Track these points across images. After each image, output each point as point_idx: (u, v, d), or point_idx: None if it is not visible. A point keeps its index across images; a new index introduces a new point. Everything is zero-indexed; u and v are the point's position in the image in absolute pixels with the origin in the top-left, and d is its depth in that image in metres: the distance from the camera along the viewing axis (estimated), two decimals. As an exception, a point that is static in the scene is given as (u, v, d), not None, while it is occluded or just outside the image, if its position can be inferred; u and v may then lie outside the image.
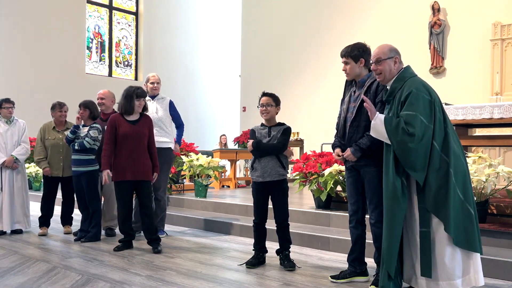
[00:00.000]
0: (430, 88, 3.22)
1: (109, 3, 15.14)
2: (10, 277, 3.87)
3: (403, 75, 3.29)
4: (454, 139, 3.16)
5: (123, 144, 4.88)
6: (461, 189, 3.10)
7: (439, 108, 3.16)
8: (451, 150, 3.10)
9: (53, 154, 5.79)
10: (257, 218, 4.31)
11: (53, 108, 5.90)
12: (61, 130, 5.88)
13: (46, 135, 5.85)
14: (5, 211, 5.69)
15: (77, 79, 13.73)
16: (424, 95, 3.15)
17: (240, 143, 11.10)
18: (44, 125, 5.95)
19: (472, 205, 3.14)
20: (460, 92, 9.82)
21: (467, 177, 3.17)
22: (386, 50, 3.34)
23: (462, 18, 10.11)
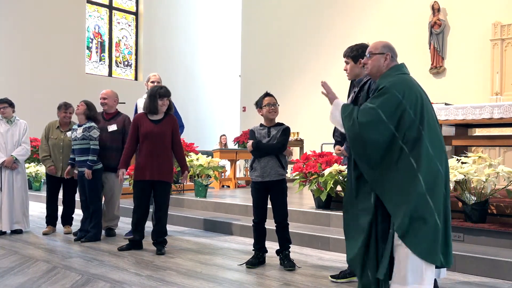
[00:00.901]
0: (410, 89, 3.06)
1: (109, 3, 15.14)
2: (10, 277, 3.87)
3: (391, 72, 3.20)
4: (432, 144, 3.00)
5: (144, 143, 4.85)
6: (430, 196, 2.96)
7: (413, 111, 3.00)
8: (422, 155, 2.96)
9: (54, 154, 5.81)
10: (256, 218, 4.31)
11: (59, 108, 5.92)
12: (64, 131, 5.89)
13: (50, 134, 5.87)
14: (5, 211, 5.69)
15: (77, 79, 13.73)
16: (396, 92, 3.02)
17: (240, 143, 11.10)
18: (49, 124, 5.98)
19: (441, 214, 2.98)
20: (460, 92, 9.82)
21: (439, 186, 2.99)
22: (379, 46, 3.28)
23: (462, 18, 10.11)
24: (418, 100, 3.04)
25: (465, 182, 4.64)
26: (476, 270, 3.99)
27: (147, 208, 4.99)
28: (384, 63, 3.23)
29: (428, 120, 3.05)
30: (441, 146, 3.09)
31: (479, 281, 3.82)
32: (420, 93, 3.10)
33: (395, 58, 3.26)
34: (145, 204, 4.93)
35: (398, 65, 3.24)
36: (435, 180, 2.99)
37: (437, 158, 3.02)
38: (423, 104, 3.06)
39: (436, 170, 3.00)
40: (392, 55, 3.24)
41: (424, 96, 3.14)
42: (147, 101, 4.92)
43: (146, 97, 5.00)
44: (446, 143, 5.44)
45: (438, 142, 3.07)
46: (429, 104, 3.14)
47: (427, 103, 3.13)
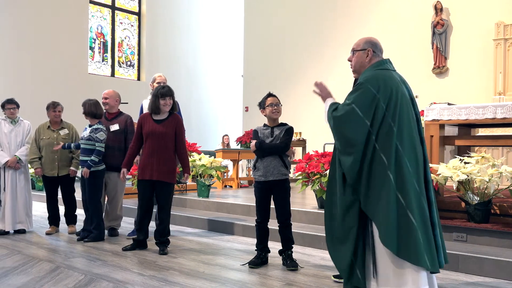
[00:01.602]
0: (385, 83, 3.04)
1: (111, 4, 15.16)
2: (13, 276, 3.88)
3: (371, 68, 3.18)
4: (402, 141, 2.97)
5: (146, 143, 4.86)
6: (401, 193, 2.92)
7: (386, 106, 3.00)
8: (392, 152, 2.95)
9: (47, 154, 5.79)
10: (259, 217, 4.32)
11: (48, 108, 5.91)
12: (56, 129, 5.88)
13: (41, 135, 5.86)
14: (8, 211, 5.70)
15: (80, 79, 13.75)
16: (370, 87, 3.02)
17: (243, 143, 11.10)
18: (39, 126, 5.96)
19: (415, 213, 2.91)
20: (463, 92, 9.80)
21: (409, 183, 2.93)
22: (361, 42, 3.28)
23: (465, 18, 10.09)
24: (392, 95, 3.03)
25: (468, 182, 4.63)
26: (479, 271, 3.98)
27: (149, 208, 4.99)
28: (366, 59, 3.23)
29: (401, 116, 3.02)
30: (412, 142, 3.02)
31: (482, 282, 3.81)
32: (397, 88, 3.06)
33: (378, 53, 3.23)
34: (147, 204, 4.92)
35: (380, 61, 3.21)
36: (404, 177, 2.94)
37: (407, 155, 2.98)
38: (398, 99, 3.03)
39: (405, 167, 2.96)
40: (374, 50, 3.22)
41: (403, 91, 3.09)
42: (150, 101, 4.95)
43: (151, 97, 5.01)
44: (449, 143, 5.45)
45: (409, 139, 3.02)
46: (406, 100, 3.09)
47: (405, 99, 3.08)
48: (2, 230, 5.71)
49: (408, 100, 3.11)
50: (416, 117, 3.16)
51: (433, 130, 5.25)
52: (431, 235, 2.96)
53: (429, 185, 3.07)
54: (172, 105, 4.93)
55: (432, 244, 2.95)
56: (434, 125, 5.24)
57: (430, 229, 2.97)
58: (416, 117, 3.16)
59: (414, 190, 2.95)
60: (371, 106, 3.02)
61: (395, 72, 3.19)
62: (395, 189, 2.92)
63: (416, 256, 2.86)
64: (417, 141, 3.08)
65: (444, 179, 4.75)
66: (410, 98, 3.15)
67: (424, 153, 3.11)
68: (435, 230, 3.01)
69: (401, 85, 3.11)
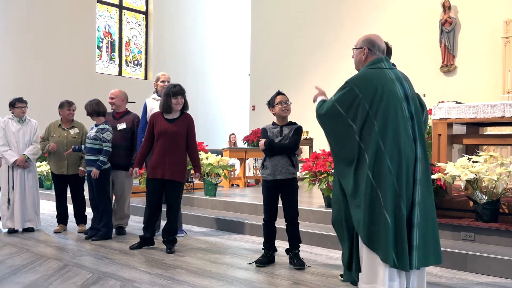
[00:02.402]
0: (370, 82, 3.07)
1: (119, 3, 15.21)
2: (22, 274, 3.91)
3: (365, 67, 3.20)
4: (385, 140, 2.99)
5: (158, 142, 4.84)
6: (380, 192, 2.96)
7: (369, 105, 3.03)
8: (374, 151, 2.99)
9: (57, 152, 5.83)
10: (267, 216, 4.32)
11: (62, 106, 5.95)
12: (67, 128, 5.92)
13: (51, 133, 5.92)
14: (17, 209, 5.74)
15: (88, 78, 13.81)
16: (354, 86, 3.08)
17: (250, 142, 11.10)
18: (49, 124, 6.04)
19: (391, 212, 2.95)
20: (471, 90, 9.74)
21: (388, 183, 2.97)
22: (360, 40, 3.30)
23: (473, 16, 10.02)
24: (377, 94, 3.03)
25: (476, 181, 4.61)
26: (487, 270, 3.96)
27: (158, 206, 4.99)
28: (363, 58, 3.25)
29: (386, 115, 3.02)
30: (397, 141, 3.01)
31: (490, 281, 3.79)
32: (384, 87, 3.05)
33: (375, 51, 3.23)
34: (156, 203, 4.92)
35: (374, 59, 3.20)
36: (383, 176, 2.97)
37: (389, 154, 2.99)
38: (383, 98, 3.03)
39: (386, 166, 2.97)
40: (370, 48, 3.23)
41: (392, 90, 3.07)
42: (162, 100, 4.91)
43: (162, 96, 4.99)
44: (457, 142, 5.42)
45: (393, 138, 3.01)
46: (396, 99, 3.06)
47: (394, 97, 3.05)
48: (11, 228, 5.75)
49: (399, 98, 3.08)
50: (411, 115, 3.11)
51: (441, 129, 5.23)
52: (404, 235, 2.96)
53: (415, 185, 3.03)
54: (184, 104, 4.93)
55: (404, 244, 2.95)
56: (442, 123, 5.22)
57: (404, 229, 2.96)
58: (411, 115, 3.11)
59: (393, 189, 2.97)
60: (352, 105, 3.08)
61: (389, 70, 3.16)
62: (375, 187, 2.98)
63: (384, 252, 2.93)
64: (406, 139, 3.05)
65: (452, 178, 4.72)
66: (404, 97, 3.11)
67: (416, 152, 3.06)
68: (412, 230, 2.99)
69: (392, 84, 3.09)
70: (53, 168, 5.89)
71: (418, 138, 3.09)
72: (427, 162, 3.13)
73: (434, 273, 4.00)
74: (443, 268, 4.14)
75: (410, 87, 3.17)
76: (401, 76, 3.17)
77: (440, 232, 4.66)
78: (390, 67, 3.19)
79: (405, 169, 3.02)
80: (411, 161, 3.04)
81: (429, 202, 3.09)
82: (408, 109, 3.10)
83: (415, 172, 3.05)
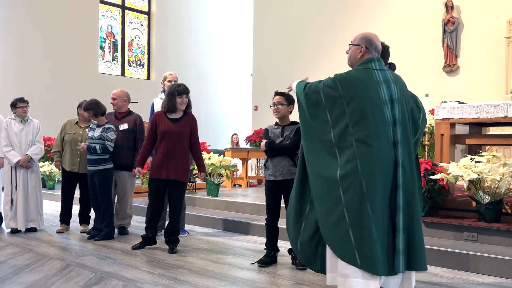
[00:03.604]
0: (354, 84, 3.02)
1: (121, 3, 15.23)
2: (25, 274, 3.92)
3: (358, 65, 3.17)
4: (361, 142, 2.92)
5: (161, 142, 4.82)
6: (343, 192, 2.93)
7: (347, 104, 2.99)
8: (345, 150, 2.96)
9: (71, 149, 5.85)
10: (269, 216, 4.32)
11: (80, 106, 5.98)
12: (83, 127, 5.94)
13: (67, 130, 5.96)
14: (20, 209, 5.75)
15: (91, 78, 13.83)
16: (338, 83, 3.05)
17: (252, 142, 11.10)
18: (67, 120, 6.10)
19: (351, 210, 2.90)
20: (474, 90, 9.72)
21: (355, 184, 2.90)
22: (358, 37, 3.27)
23: (476, 16, 10.00)
24: (356, 96, 2.98)
25: (479, 181, 4.60)
26: (490, 270, 3.95)
27: (161, 206, 4.99)
28: (359, 55, 3.21)
29: (364, 117, 2.95)
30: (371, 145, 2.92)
31: (493, 282, 3.78)
32: (367, 89, 2.99)
33: (371, 50, 3.18)
34: (158, 202, 4.92)
35: (366, 59, 3.15)
36: (351, 179, 2.91)
37: (359, 155, 2.92)
38: (363, 101, 2.97)
39: (355, 168, 2.92)
40: (367, 47, 3.18)
41: (376, 92, 3.00)
42: (165, 100, 4.88)
43: (165, 96, 4.98)
44: (459, 142, 5.41)
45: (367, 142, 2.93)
46: (379, 101, 2.98)
47: (377, 100, 2.97)
48: (14, 228, 5.76)
49: (381, 101, 2.99)
50: (394, 118, 3.00)
51: (443, 129, 5.22)
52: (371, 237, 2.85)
53: (398, 190, 2.94)
54: (187, 103, 4.92)
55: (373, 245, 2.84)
56: (444, 123, 5.21)
57: (371, 230, 2.85)
58: (394, 118, 3.00)
59: (359, 192, 2.89)
60: (334, 101, 3.06)
61: (378, 72, 3.09)
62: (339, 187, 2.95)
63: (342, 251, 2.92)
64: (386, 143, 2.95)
65: (455, 178, 4.71)
66: (389, 99, 3.01)
67: (397, 157, 2.95)
68: (398, 234, 2.91)
69: (376, 86, 3.02)
70: (65, 164, 5.90)
71: (400, 143, 2.98)
72: (412, 167, 3.03)
73: (436, 273, 4.00)
74: (445, 268, 4.14)
75: (399, 90, 3.09)
76: (391, 78, 3.10)
77: (443, 232, 4.68)
78: (381, 68, 3.12)
79: (380, 175, 2.92)
80: (388, 166, 2.94)
81: (416, 208, 3.02)
82: (392, 112, 3.02)
83: (396, 177, 2.95)
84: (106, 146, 5.32)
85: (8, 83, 12.07)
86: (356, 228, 2.88)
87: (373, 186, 2.90)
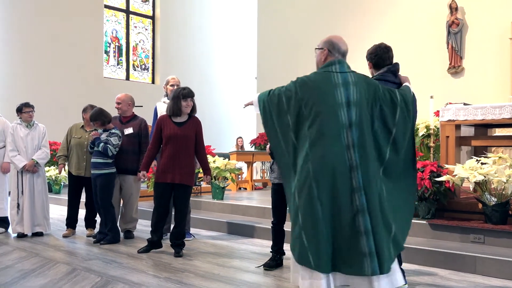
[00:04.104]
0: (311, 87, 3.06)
1: (126, 8, 15.30)
2: (31, 279, 3.93)
3: (320, 68, 3.20)
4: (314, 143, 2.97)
5: (167, 146, 4.82)
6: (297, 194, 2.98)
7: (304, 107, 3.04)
8: (300, 153, 3.04)
9: (77, 153, 5.87)
10: (275, 219, 4.33)
11: (85, 110, 6.01)
12: (89, 131, 5.96)
13: (73, 134, 5.97)
14: (26, 214, 5.77)
15: (96, 83, 13.89)
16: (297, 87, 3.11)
17: (257, 145, 11.10)
18: (73, 124, 6.12)
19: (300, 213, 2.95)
20: (479, 91, 9.68)
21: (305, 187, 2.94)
22: (322, 41, 3.25)
23: (480, 17, 9.97)
24: (314, 97, 3.02)
25: (485, 183, 4.58)
26: (497, 273, 3.93)
27: (166, 210, 4.99)
28: (322, 58, 3.22)
29: (315, 120, 2.99)
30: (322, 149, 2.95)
31: (501, 284, 3.76)
32: (321, 92, 3.02)
33: (334, 53, 3.17)
34: (164, 206, 4.92)
35: (329, 62, 3.16)
36: (304, 180, 2.96)
37: (311, 158, 2.96)
38: (316, 104, 3.01)
39: (307, 170, 2.96)
40: (330, 49, 3.18)
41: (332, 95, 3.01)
42: (170, 103, 4.88)
43: (170, 99, 4.99)
44: (465, 143, 5.39)
45: (318, 144, 2.97)
46: (329, 104, 2.99)
47: (328, 103, 2.99)
48: (21, 233, 5.79)
49: (336, 104, 3.00)
50: (350, 121, 2.98)
51: (449, 131, 5.21)
52: (323, 237, 2.90)
53: (355, 193, 2.91)
54: (192, 106, 4.93)
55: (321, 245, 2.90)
56: (450, 125, 5.20)
57: (321, 232, 2.90)
58: (351, 121, 2.98)
59: (309, 194, 2.93)
60: (290, 103, 3.11)
61: (338, 74, 3.08)
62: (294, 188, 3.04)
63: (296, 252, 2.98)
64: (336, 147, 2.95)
65: (461, 180, 4.70)
66: (346, 102, 3.00)
67: (351, 160, 2.93)
68: (360, 237, 2.87)
69: (333, 89, 3.03)
70: (71, 169, 5.93)
71: (357, 145, 2.96)
72: (367, 169, 2.96)
73: (443, 276, 3.98)
74: (452, 270, 4.12)
75: (358, 93, 3.04)
76: (351, 80, 3.07)
77: (449, 235, 4.67)
78: (342, 70, 3.10)
79: (330, 177, 2.93)
80: (341, 168, 2.93)
81: (380, 210, 2.96)
82: (348, 115, 2.99)
83: (352, 180, 2.92)
84: (107, 147, 5.33)
85: (14, 88, 12.13)
86: (308, 230, 2.93)
87: (323, 188, 2.92)
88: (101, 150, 5.33)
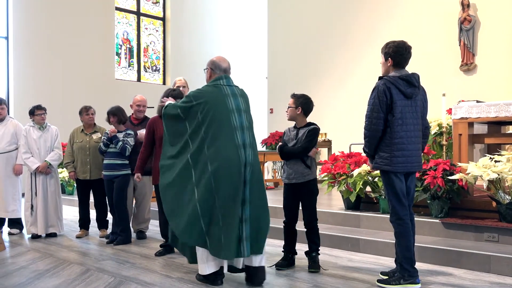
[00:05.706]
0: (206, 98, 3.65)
1: (137, 10, 15.38)
2: (46, 279, 3.97)
3: (208, 83, 3.82)
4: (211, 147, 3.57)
5: (160, 147, 4.81)
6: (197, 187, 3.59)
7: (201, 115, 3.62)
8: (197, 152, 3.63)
9: (80, 157, 5.90)
10: (286, 218, 4.35)
11: (80, 113, 6.04)
12: (89, 133, 5.99)
13: (75, 138, 6.00)
14: (40, 215, 5.83)
15: (107, 84, 13.98)
16: (192, 98, 3.68)
17: (268, 145, 11.09)
18: (73, 130, 6.12)
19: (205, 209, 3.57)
20: (492, 88, 9.58)
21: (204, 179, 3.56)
22: (207, 62, 3.94)
23: (493, 14, 9.87)
24: (207, 106, 3.61)
25: (499, 181, 4.53)
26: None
27: None
28: (208, 76, 3.90)
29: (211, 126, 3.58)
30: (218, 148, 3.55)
31: (515, 283, 3.72)
32: (215, 102, 3.62)
33: (216, 71, 3.83)
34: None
35: (216, 77, 3.80)
36: (203, 176, 3.56)
37: (209, 159, 3.56)
38: (211, 110, 3.60)
39: (206, 167, 3.54)
40: (212, 68, 3.85)
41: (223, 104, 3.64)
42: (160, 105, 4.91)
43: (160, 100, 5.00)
44: (478, 141, 5.34)
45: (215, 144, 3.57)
46: (223, 111, 3.61)
47: (221, 109, 3.61)
48: (35, 234, 5.85)
49: (228, 110, 3.64)
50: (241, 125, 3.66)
51: (461, 129, 5.16)
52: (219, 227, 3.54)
53: (246, 186, 3.59)
54: None
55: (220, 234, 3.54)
56: (462, 123, 5.15)
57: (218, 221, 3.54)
58: (242, 125, 3.67)
59: (208, 186, 3.54)
60: (190, 112, 3.67)
61: (226, 87, 3.74)
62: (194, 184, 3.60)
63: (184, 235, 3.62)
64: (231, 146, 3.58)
65: (474, 178, 4.65)
66: (236, 109, 3.68)
67: (246, 157, 3.60)
68: (242, 224, 3.56)
69: (224, 98, 3.67)
70: (77, 174, 5.96)
71: (249, 145, 3.66)
72: (258, 166, 3.73)
73: (457, 275, 3.94)
74: (466, 270, 4.08)
75: (244, 102, 3.80)
76: (237, 92, 3.80)
77: (462, 233, 4.62)
78: (229, 84, 3.78)
79: (227, 171, 3.53)
80: (234, 165, 3.55)
81: (261, 201, 3.76)
82: (239, 120, 3.67)
83: (245, 175, 3.58)
84: (126, 147, 5.38)
85: (26, 91, 12.26)
86: (207, 219, 3.55)
87: (220, 182, 3.52)
88: (119, 149, 5.37)
